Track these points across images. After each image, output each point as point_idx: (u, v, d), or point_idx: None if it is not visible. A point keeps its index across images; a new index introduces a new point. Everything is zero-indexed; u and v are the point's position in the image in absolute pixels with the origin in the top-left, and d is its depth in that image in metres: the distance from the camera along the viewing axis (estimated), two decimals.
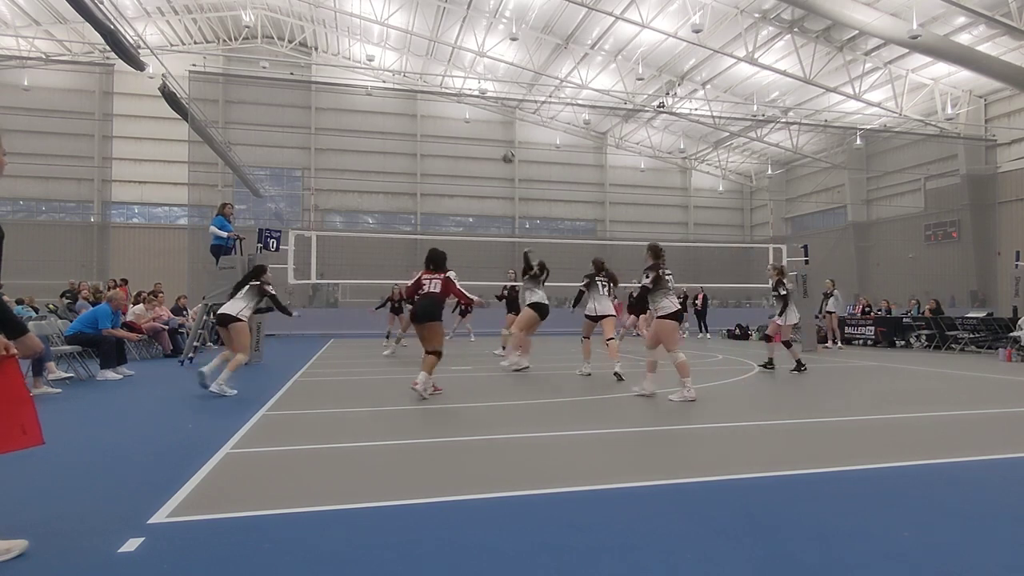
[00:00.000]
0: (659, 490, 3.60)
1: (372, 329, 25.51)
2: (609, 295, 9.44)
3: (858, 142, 33.24)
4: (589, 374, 9.28)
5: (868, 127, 32.08)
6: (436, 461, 4.43)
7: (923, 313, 17.50)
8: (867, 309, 18.99)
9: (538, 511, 3.25)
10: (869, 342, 17.27)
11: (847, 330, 18.60)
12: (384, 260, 31.73)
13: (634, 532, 2.93)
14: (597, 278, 9.26)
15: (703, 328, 21.46)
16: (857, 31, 24.08)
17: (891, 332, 16.93)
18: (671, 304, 7.10)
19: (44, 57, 30.43)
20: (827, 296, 16.30)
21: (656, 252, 7.41)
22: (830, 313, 16.26)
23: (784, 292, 10.15)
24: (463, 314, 18.40)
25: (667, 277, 7.28)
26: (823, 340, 16.26)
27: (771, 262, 10.02)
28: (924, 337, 16.20)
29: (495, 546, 2.76)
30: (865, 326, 17.74)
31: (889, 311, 18.54)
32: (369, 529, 2.99)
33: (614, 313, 9.54)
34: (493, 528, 3.00)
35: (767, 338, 10.60)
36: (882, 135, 32.58)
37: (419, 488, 3.65)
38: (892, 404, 6.99)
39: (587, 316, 9.43)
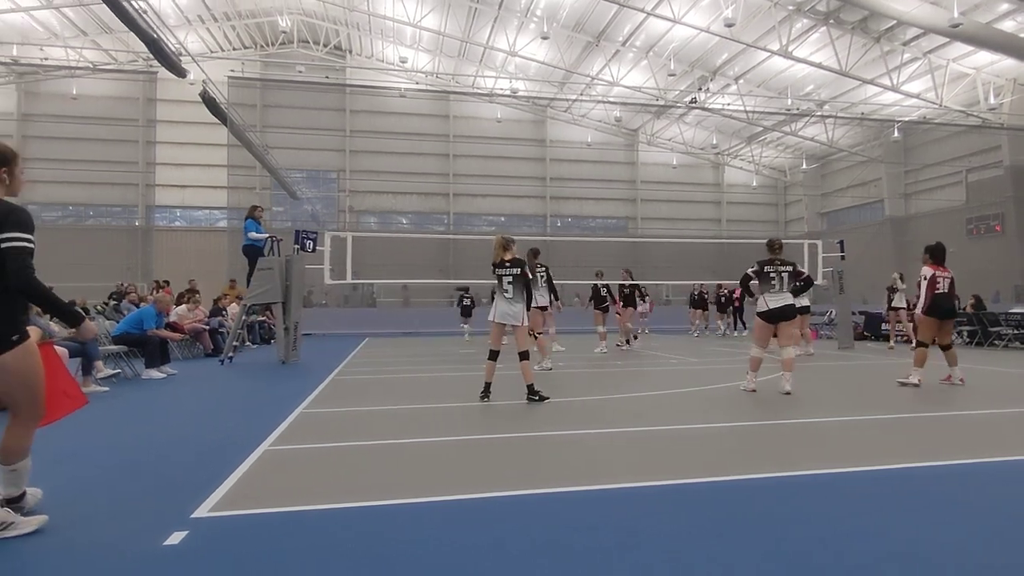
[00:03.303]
0: (663, 490, 3.64)
1: (407, 328, 25.95)
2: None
3: (896, 134, 32.45)
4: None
5: (906, 119, 31.32)
6: (467, 458, 4.54)
7: (964, 309, 17.09)
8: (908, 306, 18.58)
9: (550, 509, 3.33)
10: (908, 339, 16.92)
11: (883, 326, 18.28)
12: (418, 260, 32.16)
13: (639, 532, 2.98)
14: (498, 270, 7.15)
15: (740, 324, 21.26)
16: (895, 21, 23.52)
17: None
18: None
19: (91, 66, 31.52)
20: (892, 291, 14.76)
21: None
22: (895, 310, 14.83)
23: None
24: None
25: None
26: (888, 339, 15.65)
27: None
28: (966, 333, 15.83)
29: (506, 543, 2.85)
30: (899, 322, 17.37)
31: None
32: (408, 524, 3.10)
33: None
34: (512, 525, 3.09)
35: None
36: (921, 127, 31.77)
37: (450, 485, 3.75)
38: (928, 403, 6.88)
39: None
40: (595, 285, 14.50)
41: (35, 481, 3.26)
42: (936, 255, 8.21)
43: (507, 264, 7.02)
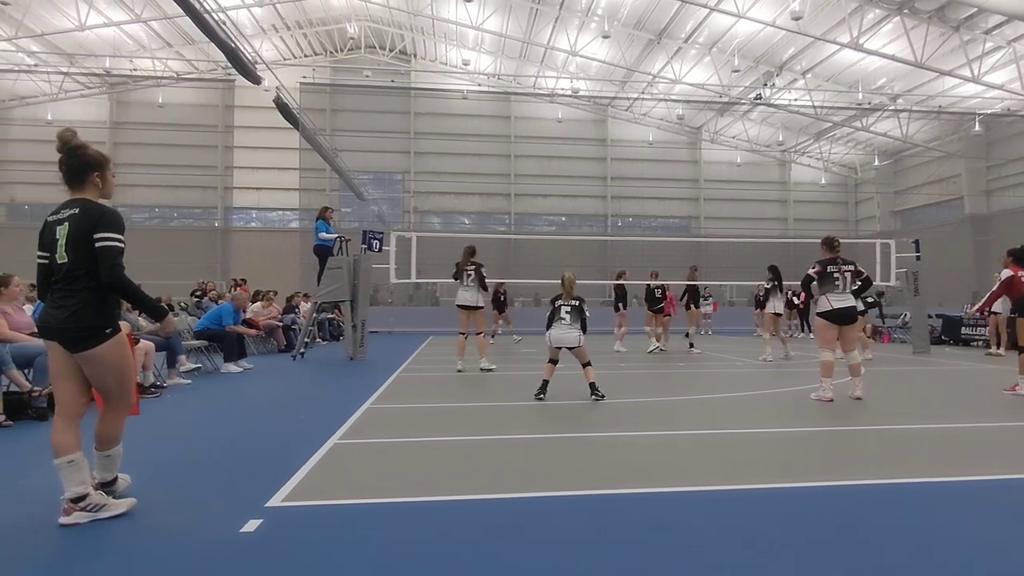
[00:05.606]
0: (734, 494, 3.68)
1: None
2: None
3: (977, 128, 30.73)
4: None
5: (989, 111, 29.66)
6: (530, 456, 4.68)
7: None
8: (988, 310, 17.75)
9: (614, 508, 3.43)
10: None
11: (963, 331, 17.53)
12: (479, 260, 32.42)
13: (705, 534, 3.03)
14: (559, 302, 7.43)
15: (806, 327, 20.70)
16: (976, 8, 22.43)
17: (1015, 333, 15.70)
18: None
19: (175, 76, 33.45)
20: None
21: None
22: (995, 313, 13.59)
23: None
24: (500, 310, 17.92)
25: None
26: (988, 344, 14.95)
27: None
28: None
29: (567, 542, 2.96)
30: (985, 326, 16.62)
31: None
32: (473, 520, 3.19)
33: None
34: (573, 522, 3.22)
35: None
36: (1005, 119, 30.02)
37: (513, 483, 3.89)
38: (1015, 412, 6.56)
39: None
40: (648, 285, 14.46)
41: (123, 468, 3.54)
42: (1021, 259, 7.87)
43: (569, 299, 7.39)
